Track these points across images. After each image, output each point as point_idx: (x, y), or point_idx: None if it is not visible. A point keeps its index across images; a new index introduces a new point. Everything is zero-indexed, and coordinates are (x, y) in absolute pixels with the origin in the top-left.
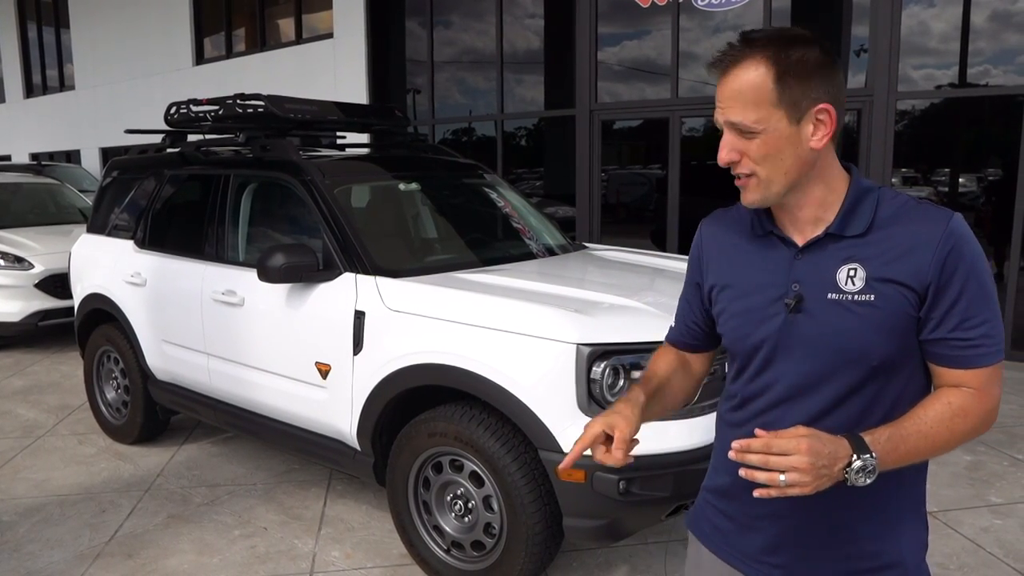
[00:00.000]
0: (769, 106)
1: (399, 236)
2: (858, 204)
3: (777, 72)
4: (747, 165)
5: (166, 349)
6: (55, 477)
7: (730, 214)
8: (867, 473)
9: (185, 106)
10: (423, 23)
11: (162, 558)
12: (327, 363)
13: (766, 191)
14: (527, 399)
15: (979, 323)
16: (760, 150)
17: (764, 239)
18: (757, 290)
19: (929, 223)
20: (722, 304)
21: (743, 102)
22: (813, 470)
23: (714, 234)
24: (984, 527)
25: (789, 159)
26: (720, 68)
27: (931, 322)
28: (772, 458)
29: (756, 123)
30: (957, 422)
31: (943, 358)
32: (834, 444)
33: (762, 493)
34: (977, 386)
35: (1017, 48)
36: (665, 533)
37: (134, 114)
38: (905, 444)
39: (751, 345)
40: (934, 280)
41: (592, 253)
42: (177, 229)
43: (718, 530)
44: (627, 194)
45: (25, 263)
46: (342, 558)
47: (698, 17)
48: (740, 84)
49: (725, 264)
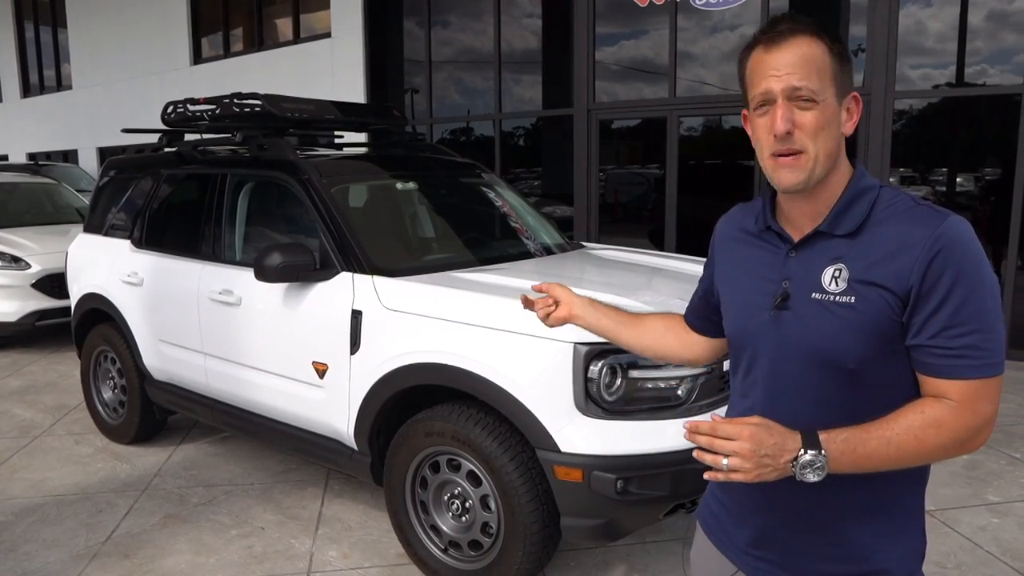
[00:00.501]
0: (828, 78)
1: (396, 235)
2: (853, 203)
3: (831, 51)
4: (799, 139)
5: (163, 349)
6: (52, 477)
7: (743, 209)
8: (815, 469)
9: (182, 105)
10: (421, 23)
11: (159, 558)
12: (324, 363)
13: (812, 171)
14: (524, 398)
15: (965, 333)
16: (816, 122)
17: (764, 234)
18: (753, 285)
19: (920, 226)
20: (724, 298)
21: (807, 68)
22: (754, 457)
23: (726, 229)
24: (982, 526)
25: (833, 140)
26: (779, 38)
27: (913, 327)
28: (717, 441)
29: (819, 91)
30: (928, 433)
31: (923, 365)
32: (783, 436)
33: (710, 476)
34: (958, 399)
35: (1014, 47)
36: (663, 533)
37: (132, 114)
38: (864, 447)
39: (744, 339)
40: (916, 284)
41: (590, 252)
42: (174, 229)
43: (717, 520)
44: (625, 193)
45: (22, 263)
46: (339, 558)
47: (696, 16)
48: (803, 52)
49: (729, 259)
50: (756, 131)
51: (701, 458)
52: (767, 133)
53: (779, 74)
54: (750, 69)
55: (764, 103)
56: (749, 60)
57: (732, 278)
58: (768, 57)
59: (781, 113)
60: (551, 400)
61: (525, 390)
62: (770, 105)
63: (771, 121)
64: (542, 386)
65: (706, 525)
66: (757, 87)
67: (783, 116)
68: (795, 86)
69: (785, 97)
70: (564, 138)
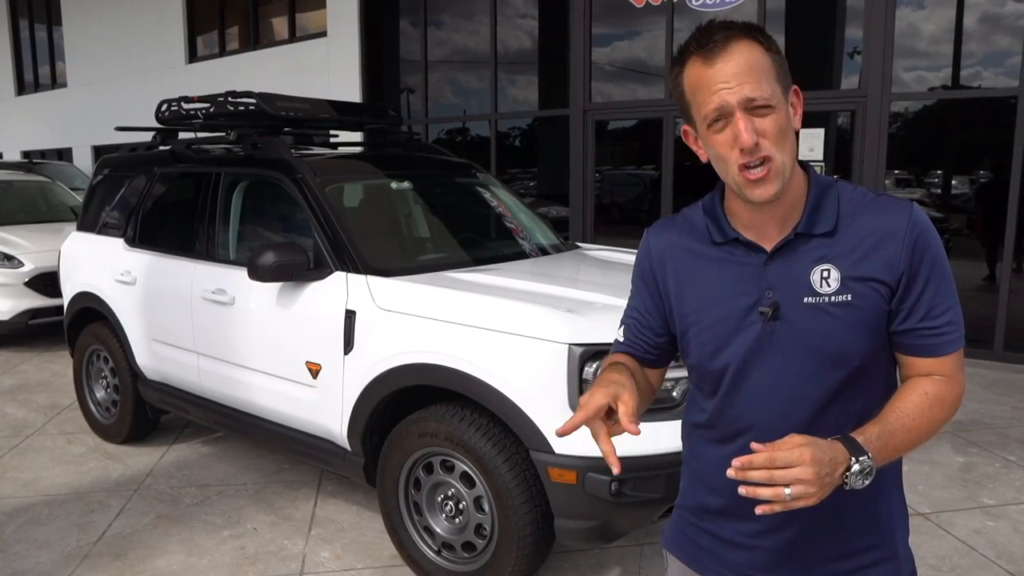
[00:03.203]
0: (774, 79)
1: (391, 235)
2: (822, 200)
3: (769, 50)
4: (766, 147)
5: (156, 348)
6: (43, 477)
7: (678, 222)
8: (865, 475)
9: (176, 104)
10: (417, 22)
11: (150, 559)
12: (317, 363)
13: (782, 178)
14: (518, 399)
15: (944, 310)
16: (775, 126)
17: (726, 246)
18: (726, 300)
19: (892, 215)
20: (688, 319)
21: (755, 76)
22: (818, 480)
23: (667, 244)
24: (977, 529)
25: (790, 140)
26: (717, 48)
27: (901, 313)
28: (777, 472)
29: (771, 96)
30: (936, 411)
31: (914, 348)
32: (832, 450)
33: (765, 510)
34: (948, 373)
35: (1009, 50)
36: (657, 535)
37: (126, 112)
38: (893, 440)
39: (725, 358)
40: (906, 270)
41: (585, 253)
42: (168, 227)
43: (702, 549)
44: (621, 194)
45: (15, 261)
46: (332, 559)
47: (692, 17)
48: (746, 58)
49: (686, 275)
50: (715, 147)
51: (756, 494)
52: (730, 148)
53: (730, 86)
54: (690, 84)
55: (719, 118)
56: (686, 74)
57: (694, 298)
58: (711, 71)
59: (744, 125)
60: (545, 401)
61: (519, 391)
62: (726, 119)
63: (733, 135)
64: (536, 387)
65: (685, 554)
66: (707, 103)
67: (747, 127)
68: (750, 97)
69: (742, 109)
70: (560, 139)
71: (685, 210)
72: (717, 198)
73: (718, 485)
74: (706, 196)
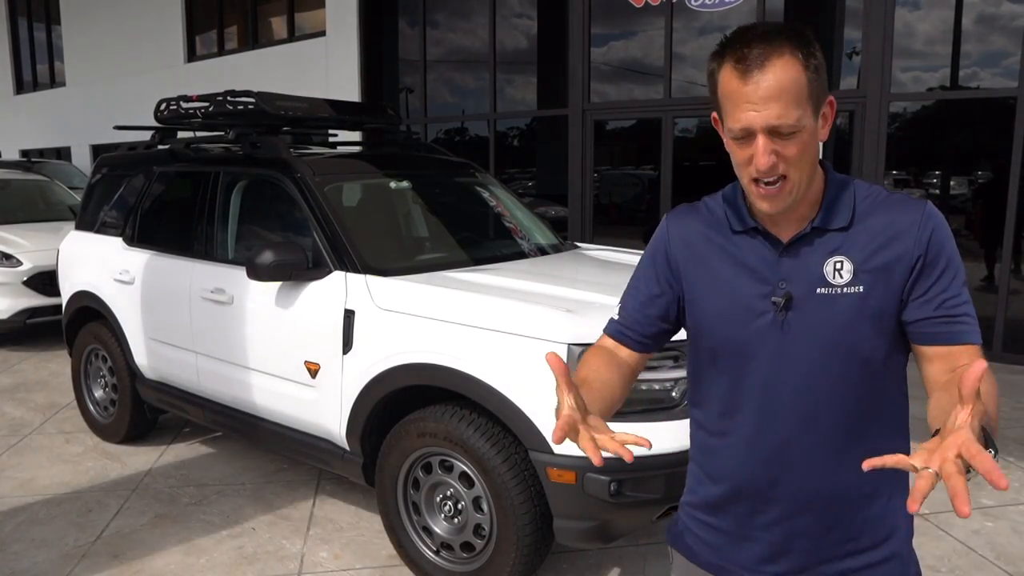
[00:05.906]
0: (806, 102)
1: (390, 234)
2: (839, 196)
3: (806, 66)
4: (782, 168)
5: (154, 347)
6: (41, 476)
7: (699, 209)
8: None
9: (175, 103)
10: (416, 22)
11: (149, 558)
12: (316, 362)
13: (794, 195)
14: (517, 399)
15: (962, 302)
16: (796, 149)
17: (744, 235)
18: (740, 289)
19: (907, 212)
20: (701, 305)
21: (785, 102)
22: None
23: (687, 230)
24: (975, 530)
25: (812, 156)
26: (754, 65)
27: (917, 300)
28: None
29: (798, 122)
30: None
31: (931, 336)
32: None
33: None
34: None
35: (1007, 51)
36: (656, 535)
37: (125, 111)
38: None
39: (736, 346)
40: (921, 255)
41: (584, 253)
42: (166, 226)
43: (708, 545)
44: (620, 194)
45: (13, 260)
46: (330, 559)
47: (691, 17)
48: (780, 80)
49: (702, 262)
50: (734, 155)
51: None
52: (747, 163)
53: (758, 110)
54: (722, 88)
55: (743, 136)
56: (720, 75)
57: (708, 285)
58: (743, 88)
59: (763, 149)
60: (545, 401)
61: (518, 391)
62: (749, 138)
63: (750, 154)
64: (535, 387)
65: (689, 551)
66: (734, 119)
67: (765, 151)
68: (775, 125)
69: (766, 133)
70: (559, 138)
71: (705, 198)
72: (739, 188)
73: (722, 474)
74: (728, 186)
